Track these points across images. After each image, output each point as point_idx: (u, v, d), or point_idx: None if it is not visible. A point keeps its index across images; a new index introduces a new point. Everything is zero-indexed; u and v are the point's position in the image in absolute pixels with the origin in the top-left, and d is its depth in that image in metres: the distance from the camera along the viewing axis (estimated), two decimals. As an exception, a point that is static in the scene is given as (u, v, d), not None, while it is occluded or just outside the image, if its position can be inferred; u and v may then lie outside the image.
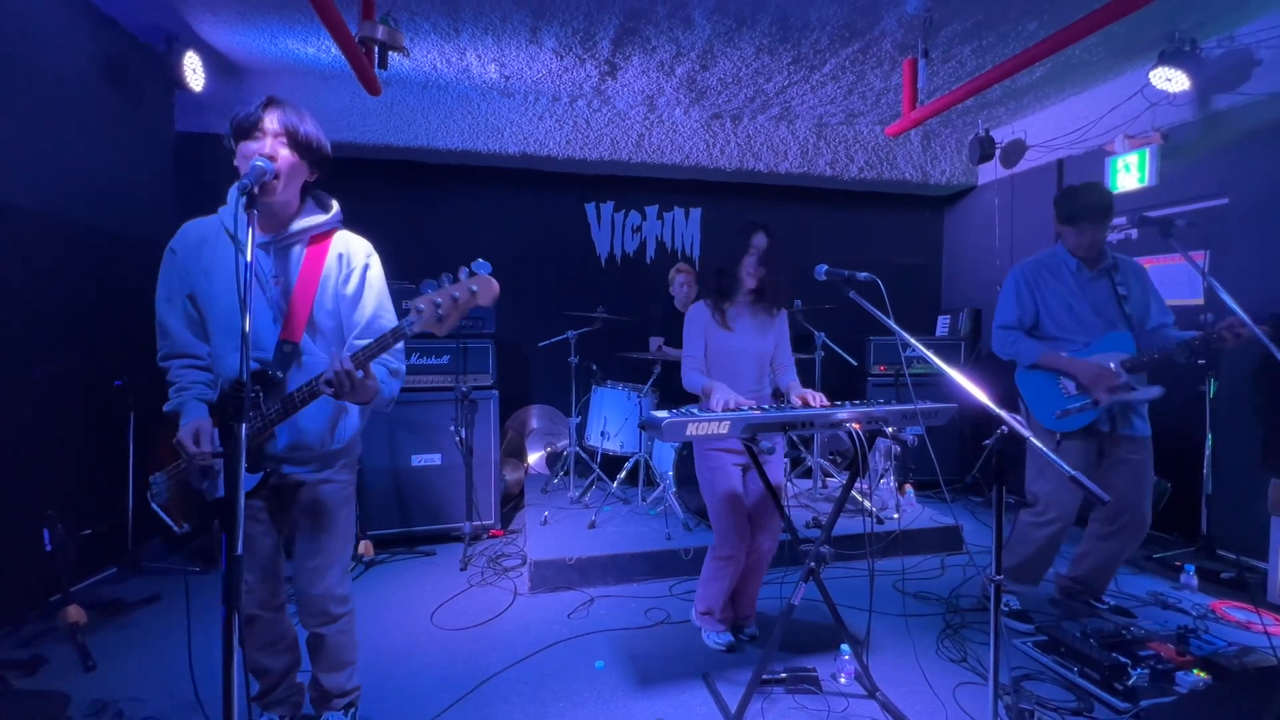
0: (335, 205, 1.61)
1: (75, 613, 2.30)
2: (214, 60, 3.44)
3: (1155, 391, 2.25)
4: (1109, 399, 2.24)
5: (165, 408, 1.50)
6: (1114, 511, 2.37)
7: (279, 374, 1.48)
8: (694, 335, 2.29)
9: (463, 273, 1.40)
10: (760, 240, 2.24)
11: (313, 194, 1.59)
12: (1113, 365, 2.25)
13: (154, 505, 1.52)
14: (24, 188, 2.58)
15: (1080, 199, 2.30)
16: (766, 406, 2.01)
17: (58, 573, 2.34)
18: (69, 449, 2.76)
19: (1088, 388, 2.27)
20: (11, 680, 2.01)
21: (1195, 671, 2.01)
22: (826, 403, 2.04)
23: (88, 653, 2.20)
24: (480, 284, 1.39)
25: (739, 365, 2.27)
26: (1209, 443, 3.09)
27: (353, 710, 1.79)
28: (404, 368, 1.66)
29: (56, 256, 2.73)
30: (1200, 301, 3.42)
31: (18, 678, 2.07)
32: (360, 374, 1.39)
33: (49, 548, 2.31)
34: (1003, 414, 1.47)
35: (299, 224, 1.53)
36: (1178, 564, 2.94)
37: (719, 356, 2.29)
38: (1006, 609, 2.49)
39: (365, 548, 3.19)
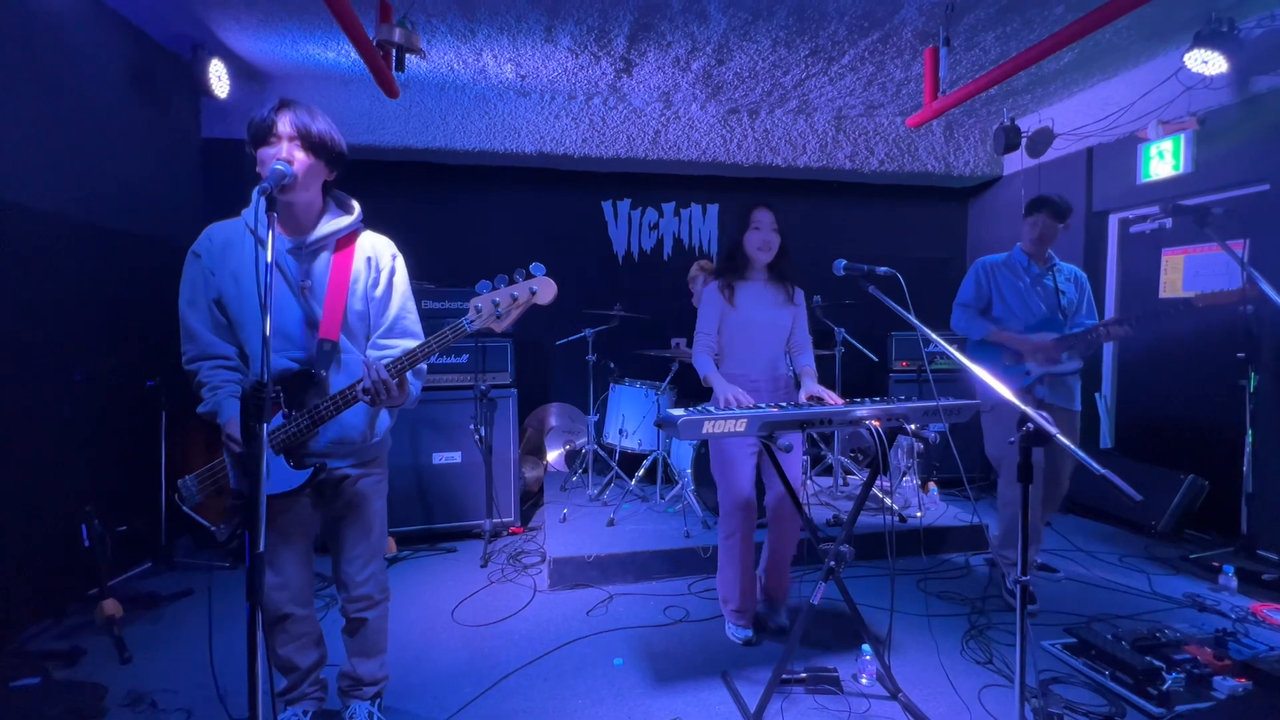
0: (357, 206, 1.64)
1: (112, 606, 2.38)
2: (238, 67, 3.52)
3: (1077, 364, 2.69)
4: (1040, 369, 2.64)
5: (200, 409, 1.53)
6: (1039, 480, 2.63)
7: (323, 373, 1.52)
8: (708, 313, 2.33)
9: (518, 274, 1.46)
10: (763, 215, 2.27)
11: (333, 195, 1.62)
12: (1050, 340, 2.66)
13: (185, 509, 1.54)
14: (59, 194, 2.67)
15: (1040, 197, 2.75)
16: (785, 404, 1.99)
17: (95, 567, 2.42)
18: (105, 448, 2.86)
19: (1026, 358, 2.66)
20: (52, 671, 2.09)
21: (1235, 677, 1.94)
22: (840, 401, 2.02)
23: (124, 645, 2.27)
24: (540, 284, 1.47)
25: (753, 337, 2.31)
26: (1249, 438, 2.97)
27: (379, 700, 1.83)
28: (425, 366, 1.68)
29: (91, 261, 2.82)
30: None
31: (58, 669, 2.15)
32: (395, 381, 1.45)
33: (87, 543, 2.38)
34: (1028, 410, 1.43)
35: (325, 228, 1.56)
36: (1215, 564, 2.84)
37: (733, 331, 2.31)
38: (1014, 585, 2.64)
39: (388, 544, 3.24)
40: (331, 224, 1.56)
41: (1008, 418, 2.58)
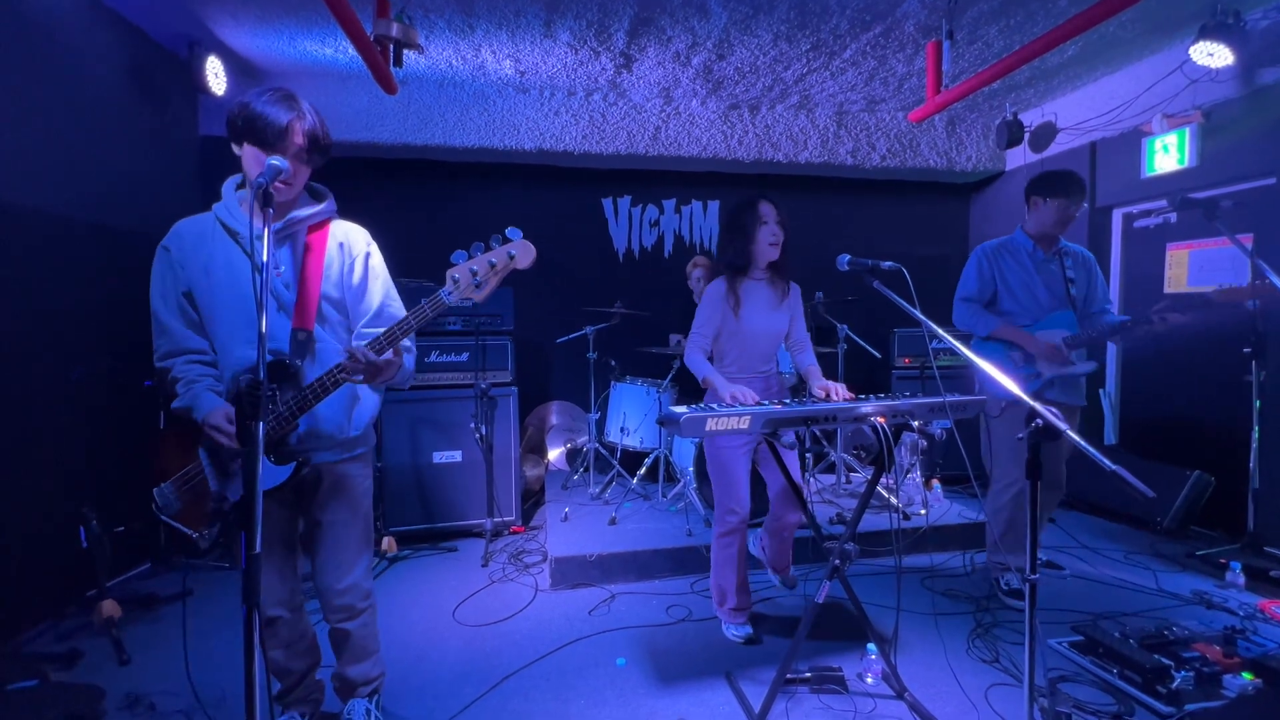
0: (329, 194, 1.62)
1: (110, 607, 2.36)
2: (235, 64, 3.49)
3: (1090, 366, 2.55)
4: (1051, 371, 2.50)
5: (174, 405, 1.48)
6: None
7: (298, 363, 1.49)
8: (709, 316, 2.28)
9: (494, 240, 1.42)
10: (769, 209, 2.25)
11: (306, 186, 1.59)
12: (1059, 341, 2.49)
13: (165, 519, 1.50)
14: (56, 193, 2.65)
15: (1064, 176, 2.53)
16: (788, 401, 1.97)
17: (93, 569, 2.40)
18: (103, 448, 2.83)
19: (1036, 359, 2.51)
20: (50, 673, 2.07)
21: (1244, 675, 1.92)
22: (848, 395, 2.00)
23: (122, 646, 2.25)
24: (518, 248, 1.42)
25: (753, 342, 2.30)
26: (1256, 434, 2.95)
27: (376, 697, 1.80)
28: (414, 347, 1.66)
29: (87, 259, 2.80)
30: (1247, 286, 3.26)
31: (56, 671, 2.13)
32: (387, 355, 1.43)
33: (84, 544, 2.37)
34: (1036, 406, 1.41)
35: (297, 214, 1.53)
36: (1222, 561, 2.82)
37: (732, 336, 2.30)
38: (1007, 588, 2.64)
39: (389, 544, 3.22)
40: (304, 210, 1.54)
41: (1012, 421, 2.49)
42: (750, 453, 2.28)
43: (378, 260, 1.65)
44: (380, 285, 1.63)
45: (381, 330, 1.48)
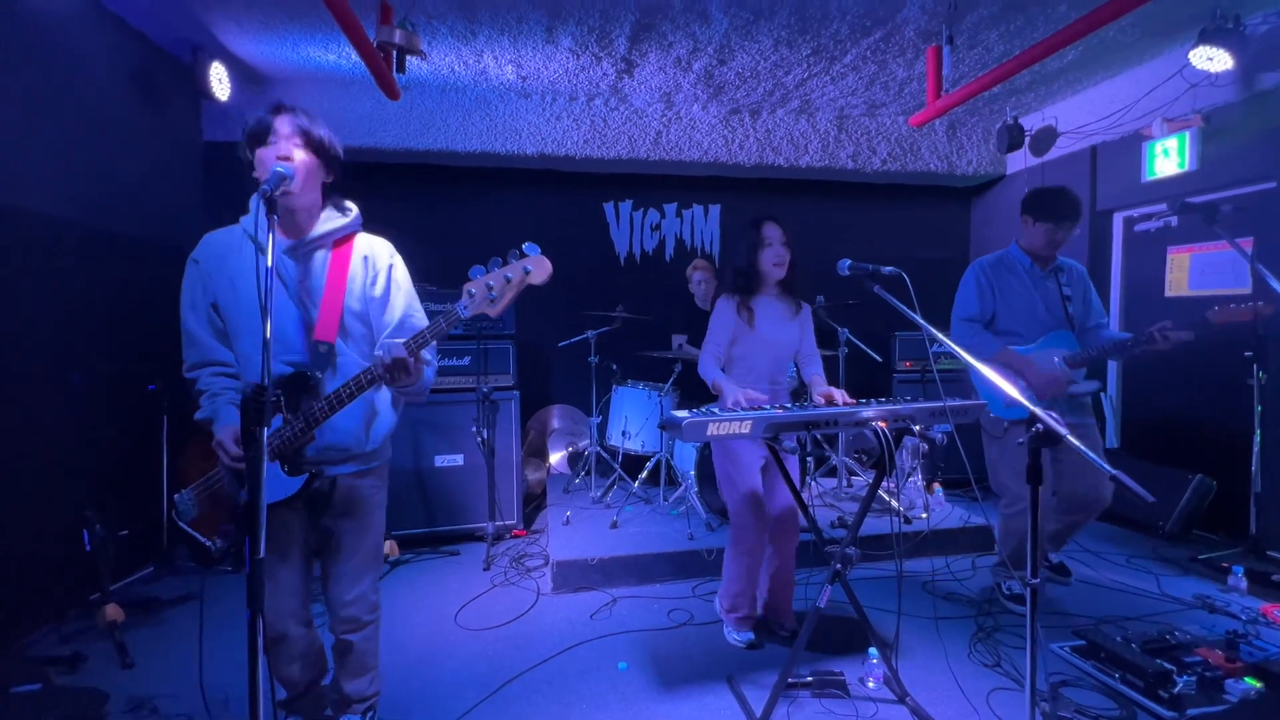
0: (354, 209, 1.63)
1: (113, 611, 2.36)
2: (238, 70, 3.52)
3: (1094, 385, 2.51)
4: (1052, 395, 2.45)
5: (197, 416, 1.51)
6: (1073, 495, 2.51)
7: (318, 375, 1.50)
8: (721, 328, 2.30)
9: (511, 255, 1.43)
10: (773, 231, 2.26)
11: (330, 198, 1.61)
12: (1057, 360, 2.46)
13: (182, 525, 1.51)
14: (60, 197, 2.67)
15: (1056, 198, 2.48)
16: (788, 405, 1.97)
17: (97, 572, 2.41)
18: (106, 452, 2.85)
19: (1037, 390, 2.42)
20: (53, 677, 2.08)
21: (1246, 679, 1.92)
22: (850, 401, 2.01)
23: (125, 650, 2.26)
24: (534, 263, 1.42)
25: (764, 357, 2.32)
26: (1258, 437, 2.95)
27: (371, 714, 1.79)
28: (435, 358, 1.67)
29: (92, 264, 2.82)
30: (1248, 290, 3.27)
31: (59, 674, 2.13)
32: (413, 360, 1.44)
33: (88, 548, 2.38)
34: (1037, 411, 1.41)
35: (321, 228, 1.55)
36: (1224, 565, 2.82)
37: (745, 348, 2.31)
38: (1009, 593, 2.64)
39: (390, 548, 3.23)
40: (328, 224, 1.56)
41: (1010, 443, 2.47)
42: (763, 460, 2.28)
43: (401, 273, 1.66)
44: (403, 297, 1.64)
45: (421, 329, 1.50)
